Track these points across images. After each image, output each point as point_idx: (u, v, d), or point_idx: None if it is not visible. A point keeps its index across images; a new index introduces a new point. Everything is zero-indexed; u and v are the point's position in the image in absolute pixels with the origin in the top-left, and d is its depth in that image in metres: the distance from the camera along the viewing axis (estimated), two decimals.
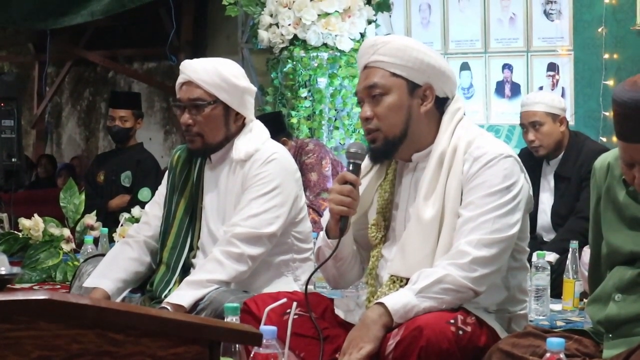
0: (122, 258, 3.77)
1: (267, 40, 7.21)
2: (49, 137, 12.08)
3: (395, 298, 2.82)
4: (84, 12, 8.51)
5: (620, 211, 2.81)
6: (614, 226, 2.82)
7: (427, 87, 3.01)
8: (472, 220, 2.86)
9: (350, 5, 7.07)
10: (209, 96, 3.65)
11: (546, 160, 5.39)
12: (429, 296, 2.79)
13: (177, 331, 1.96)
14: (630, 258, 2.77)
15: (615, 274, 2.80)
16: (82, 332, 1.90)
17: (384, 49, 3.00)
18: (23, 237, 5.72)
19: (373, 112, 2.99)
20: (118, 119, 6.88)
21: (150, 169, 6.93)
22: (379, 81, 2.99)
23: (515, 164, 2.94)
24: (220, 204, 3.72)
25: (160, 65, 10.86)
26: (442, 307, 2.80)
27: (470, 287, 2.82)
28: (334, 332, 2.99)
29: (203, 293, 3.45)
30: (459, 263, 2.82)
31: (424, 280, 2.81)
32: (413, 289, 2.81)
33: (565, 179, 5.27)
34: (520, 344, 2.67)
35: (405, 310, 2.78)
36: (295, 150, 6.18)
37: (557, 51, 6.75)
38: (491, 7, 7.05)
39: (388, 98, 2.98)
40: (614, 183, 2.84)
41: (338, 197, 2.93)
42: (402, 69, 2.99)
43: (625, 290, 2.76)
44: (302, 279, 3.75)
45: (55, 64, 11.65)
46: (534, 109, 5.32)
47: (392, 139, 2.99)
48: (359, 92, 3.05)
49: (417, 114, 3.00)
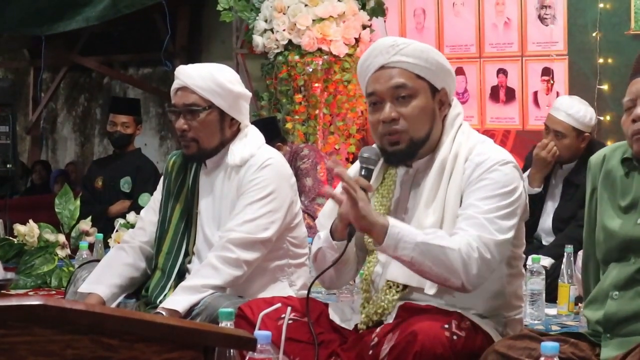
0: (117, 263, 3.77)
1: (262, 45, 7.21)
2: (44, 143, 12.06)
3: (404, 228, 2.80)
4: (78, 18, 8.51)
5: (617, 197, 2.85)
6: (609, 212, 2.87)
7: (444, 92, 3.01)
8: (470, 218, 2.85)
9: (345, 11, 7.07)
10: (204, 102, 3.65)
11: (559, 163, 5.34)
12: (426, 251, 2.77)
13: (171, 336, 1.97)
14: (624, 245, 2.79)
15: (612, 272, 2.82)
16: (76, 338, 1.90)
17: (407, 49, 2.96)
18: (18, 243, 5.72)
19: (398, 113, 2.94)
20: (120, 125, 6.88)
21: (149, 174, 6.92)
22: (407, 82, 2.95)
23: (515, 170, 2.94)
24: (215, 210, 3.72)
25: (155, 70, 10.85)
26: (424, 270, 2.79)
27: (461, 276, 2.79)
28: (329, 337, 2.98)
29: (198, 298, 3.45)
30: (470, 249, 2.80)
31: (438, 239, 2.79)
32: (423, 234, 2.80)
33: (574, 185, 5.23)
34: (516, 346, 2.67)
35: (397, 241, 2.77)
36: (290, 156, 6.18)
37: (552, 56, 6.76)
38: (486, 12, 7.06)
39: (416, 100, 2.95)
40: (611, 169, 2.89)
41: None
42: (426, 72, 2.97)
43: (622, 287, 2.78)
44: (297, 284, 3.75)
45: (51, 70, 11.63)
46: (562, 119, 5.23)
47: (416, 142, 2.96)
48: (379, 93, 2.97)
49: (438, 119, 3.00)
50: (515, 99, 6.95)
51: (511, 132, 6.93)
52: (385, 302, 2.94)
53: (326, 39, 7.01)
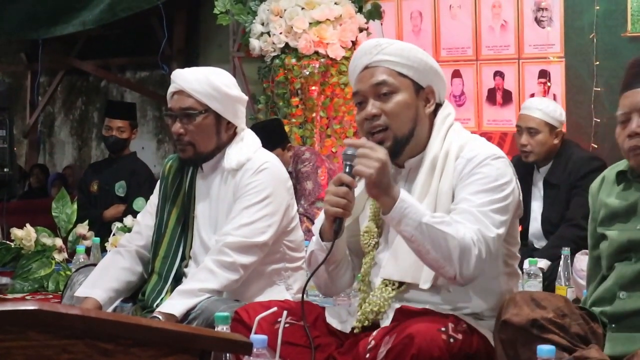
0: (114, 267, 3.77)
1: (259, 48, 7.21)
2: (41, 146, 12.07)
3: (412, 205, 2.81)
4: (75, 22, 8.50)
5: (615, 210, 2.85)
6: (609, 225, 2.87)
7: (430, 90, 3.02)
8: (464, 212, 2.85)
9: (342, 14, 7.07)
10: (201, 105, 3.65)
11: (536, 167, 5.42)
12: (427, 233, 2.78)
13: (167, 341, 1.97)
14: (625, 247, 2.83)
15: (616, 272, 2.82)
16: (71, 342, 1.90)
17: (389, 48, 2.99)
18: (15, 247, 5.72)
19: (380, 109, 2.96)
20: (115, 130, 6.86)
21: (144, 178, 6.91)
22: (388, 79, 2.97)
23: (507, 165, 2.95)
24: (212, 213, 3.72)
25: (152, 74, 10.86)
26: (422, 251, 2.80)
27: (455, 266, 2.79)
28: (325, 340, 2.98)
29: (195, 302, 3.45)
30: (471, 242, 2.79)
31: (442, 224, 2.79)
32: (429, 216, 2.80)
33: (554, 186, 5.30)
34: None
35: (403, 216, 2.78)
36: (292, 158, 6.18)
37: (549, 58, 6.76)
38: (482, 15, 7.06)
39: (397, 96, 2.97)
40: (607, 186, 2.90)
41: (333, 199, 2.87)
42: (408, 69, 2.99)
43: (628, 287, 2.79)
44: (294, 287, 3.75)
45: (48, 74, 11.64)
46: (533, 115, 5.35)
47: (401, 139, 2.97)
48: (362, 92, 3.00)
49: (423, 116, 3.01)
50: (512, 101, 6.95)
51: (508, 134, 6.93)
52: (382, 301, 2.94)
53: (323, 42, 7.01)
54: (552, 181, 5.32)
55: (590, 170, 5.12)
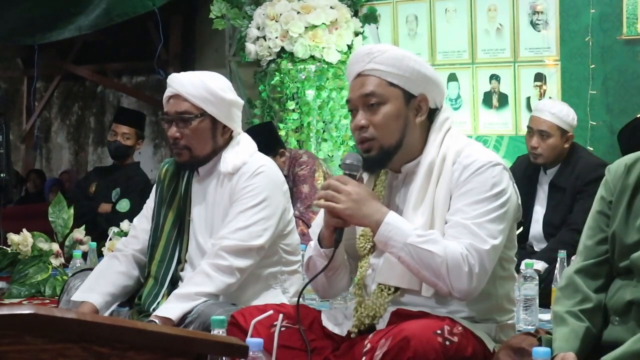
0: (110, 272, 3.77)
1: (255, 53, 7.22)
2: (38, 151, 12.06)
3: (398, 226, 2.84)
4: (71, 27, 8.50)
5: (637, 213, 2.76)
6: (626, 228, 2.77)
7: (422, 98, 3.01)
8: (458, 225, 2.85)
9: (338, 18, 7.08)
10: (196, 109, 3.66)
11: (543, 169, 5.39)
12: (413, 253, 2.81)
13: (163, 344, 1.97)
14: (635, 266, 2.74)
15: (614, 289, 2.77)
16: (67, 346, 1.90)
17: (380, 57, 2.98)
18: (12, 252, 5.72)
19: (368, 121, 2.97)
20: (120, 135, 6.87)
21: (137, 185, 6.89)
22: (376, 90, 2.97)
23: (504, 172, 2.94)
24: (208, 217, 3.72)
25: (148, 79, 10.86)
26: (413, 270, 2.84)
27: (447, 284, 2.81)
28: (321, 343, 2.99)
29: (191, 306, 3.45)
30: (461, 260, 2.80)
31: (428, 243, 2.81)
32: (414, 236, 2.82)
33: (560, 189, 5.28)
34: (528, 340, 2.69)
35: (388, 239, 2.83)
36: (289, 161, 6.17)
37: (544, 61, 6.76)
38: (478, 18, 7.06)
39: (385, 107, 2.97)
40: (633, 184, 2.78)
41: (329, 194, 2.90)
42: (399, 79, 2.98)
43: (622, 313, 2.74)
44: (290, 291, 3.75)
45: (44, 79, 11.64)
46: (546, 118, 5.32)
47: (387, 149, 2.98)
48: (353, 101, 3.02)
49: (412, 125, 3.00)
50: (508, 104, 6.95)
51: (504, 137, 6.94)
52: (377, 305, 2.94)
53: (319, 46, 7.02)
54: (559, 184, 5.29)
55: (597, 177, 5.07)
